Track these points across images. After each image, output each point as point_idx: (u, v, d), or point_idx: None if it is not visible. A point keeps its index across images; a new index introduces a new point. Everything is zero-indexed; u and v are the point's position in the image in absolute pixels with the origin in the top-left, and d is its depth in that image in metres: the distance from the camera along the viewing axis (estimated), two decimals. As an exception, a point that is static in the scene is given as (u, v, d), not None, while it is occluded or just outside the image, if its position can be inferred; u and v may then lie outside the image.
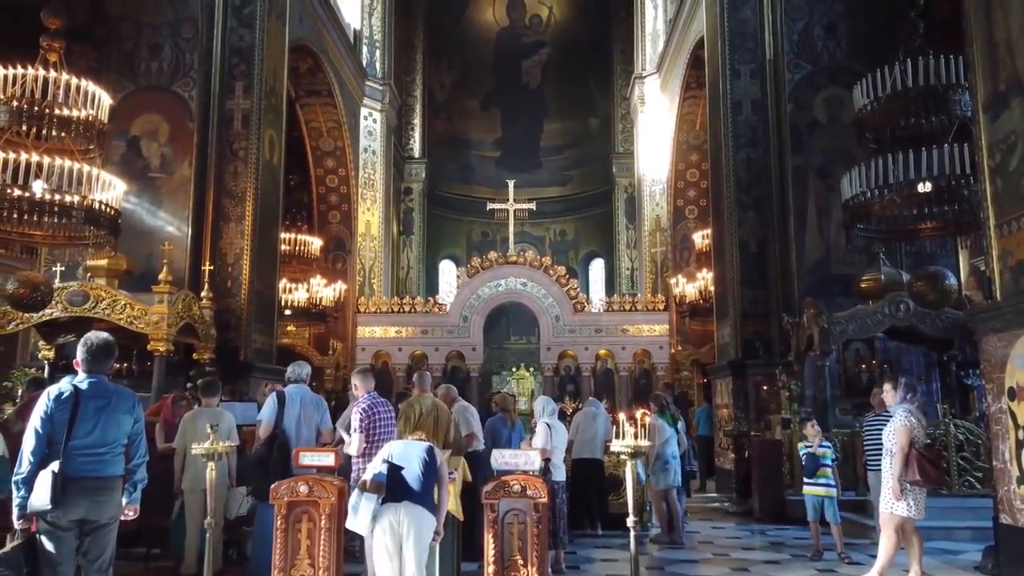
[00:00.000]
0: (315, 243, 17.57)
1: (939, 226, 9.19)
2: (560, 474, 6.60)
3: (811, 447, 7.36)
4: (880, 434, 7.57)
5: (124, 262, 10.43)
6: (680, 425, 8.83)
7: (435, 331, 20.24)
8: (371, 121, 21.00)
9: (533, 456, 5.02)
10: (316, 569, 4.65)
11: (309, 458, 4.97)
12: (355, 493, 4.40)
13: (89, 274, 10.38)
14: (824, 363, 9.66)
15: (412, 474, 4.39)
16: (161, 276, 9.81)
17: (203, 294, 10.95)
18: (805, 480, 7.41)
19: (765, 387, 11.04)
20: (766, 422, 10.63)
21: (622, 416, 4.97)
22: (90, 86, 8.95)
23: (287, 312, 16.60)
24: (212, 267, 11.30)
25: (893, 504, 5.98)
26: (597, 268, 30.11)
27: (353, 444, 5.80)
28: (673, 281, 17.49)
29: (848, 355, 10.81)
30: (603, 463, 8.52)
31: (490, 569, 4.67)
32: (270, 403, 5.76)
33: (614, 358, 20.17)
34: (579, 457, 8.36)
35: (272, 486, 4.77)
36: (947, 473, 7.83)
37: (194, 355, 10.73)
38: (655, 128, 20.24)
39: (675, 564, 6.93)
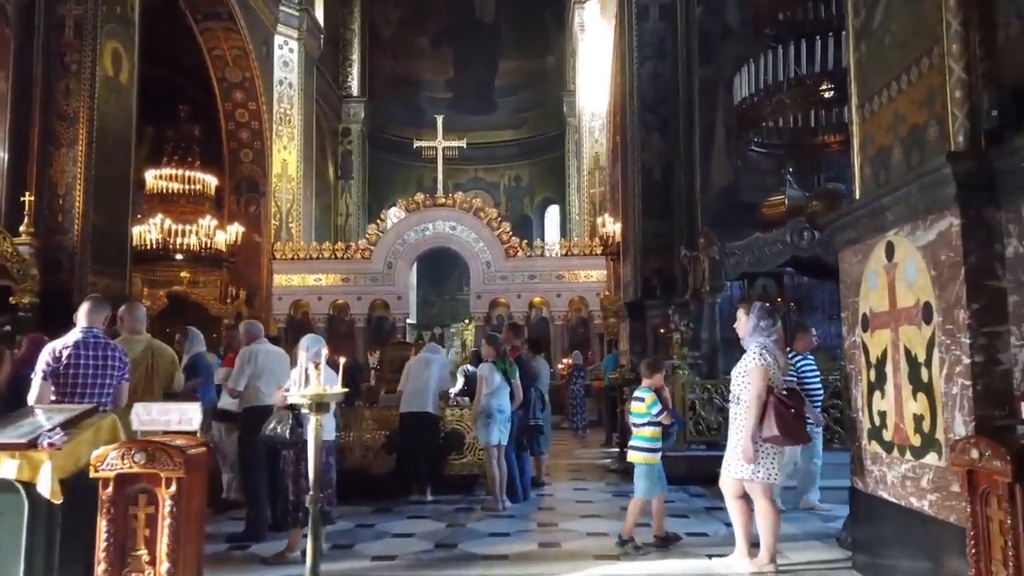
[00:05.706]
0: (209, 180, 16.06)
1: (845, 139, 7.74)
2: (327, 432, 5.28)
3: (641, 398, 5.39)
4: (807, 380, 6.32)
5: (-84, 191, 9.02)
6: (543, 376, 7.50)
7: (358, 279, 18.96)
8: (287, 51, 19.32)
9: (191, 411, 3.68)
10: None
11: None
12: None
13: None
14: (715, 300, 8.32)
15: None
16: (-51, 205, 8.40)
17: (22, 228, 9.59)
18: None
19: (663, 330, 9.73)
20: (657, 369, 9.33)
21: (302, 354, 3.65)
22: None
23: (178, 257, 15.20)
24: (34, 198, 9.87)
25: (742, 468, 4.65)
26: (553, 215, 28.78)
27: (32, 393, 4.52)
28: (599, 220, 16.08)
29: (754, 292, 9.47)
30: (436, 418, 7.24)
31: (100, 568, 3.35)
32: None
33: (549, 306, 18.95)
34: (408, 411, 7.09)
35: None
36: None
37: (11, 299, 9.42)
38: (595, 58, 18.62)
39: (477, 540, 5.60)
